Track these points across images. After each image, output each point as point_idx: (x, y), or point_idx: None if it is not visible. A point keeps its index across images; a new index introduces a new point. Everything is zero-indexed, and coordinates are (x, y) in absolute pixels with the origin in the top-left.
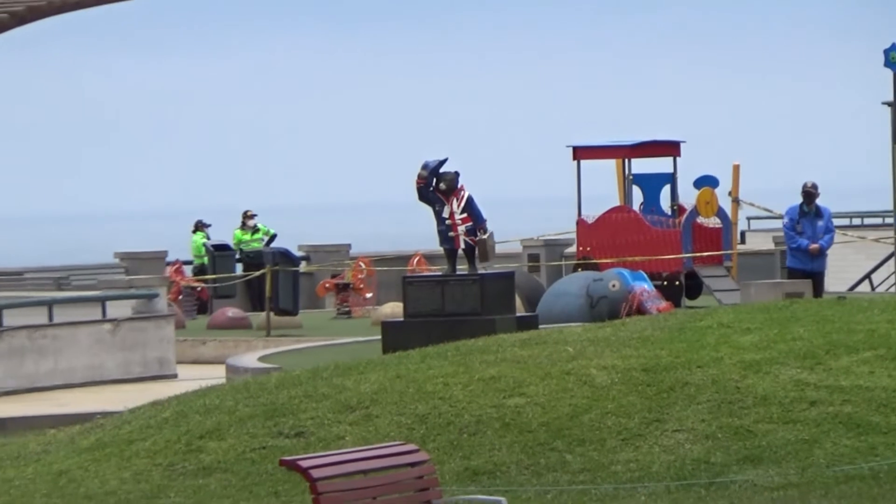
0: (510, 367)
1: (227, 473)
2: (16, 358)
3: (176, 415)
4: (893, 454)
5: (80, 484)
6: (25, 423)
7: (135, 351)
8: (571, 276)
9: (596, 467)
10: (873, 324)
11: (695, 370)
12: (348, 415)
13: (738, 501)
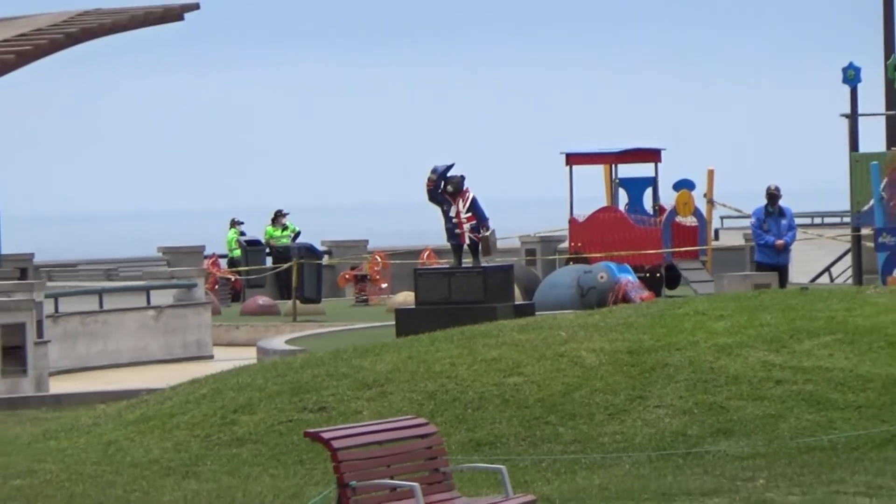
0: (509, 349)
1: (258, 444)
2: (70, 341)
3: (212, 391)
4: (850, 427)
5: (126, 453)
6: (78, 399)
7: (175, 335)
8: (564, 268)
9: (585, 439)
10: (832, 311)
11: (673, 352)
12: (365, 392)
13: (712, 469)
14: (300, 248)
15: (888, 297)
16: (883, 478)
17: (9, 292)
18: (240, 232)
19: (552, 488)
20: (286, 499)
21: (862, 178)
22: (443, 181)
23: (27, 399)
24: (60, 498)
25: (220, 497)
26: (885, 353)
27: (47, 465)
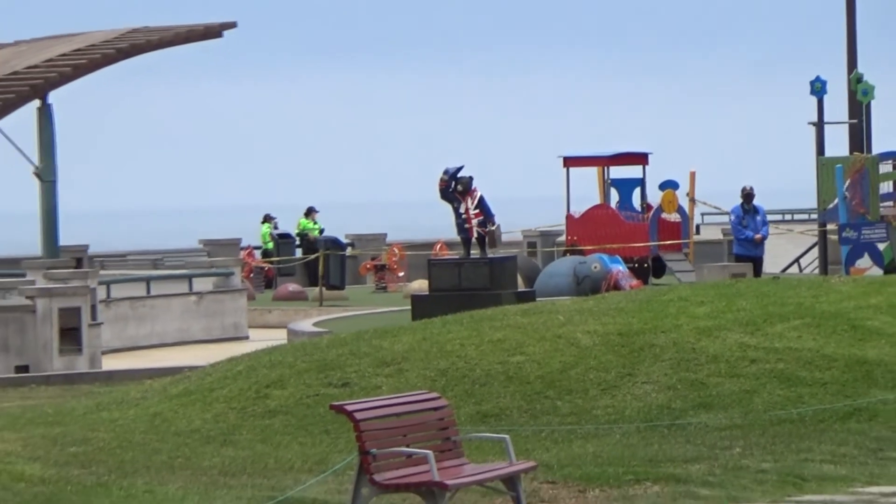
0: (513, 331)
1: (288, 415)
2: (120, 323)
3: (247, 368)
4: (817, 402)
5: (171, 423)
6: (127, 375)
7: (215, 318)
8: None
9: (580, 411)
10: (801, 298)
11: (659, 334)
12: (384, 369)
13: (693, 439)
14: (326, 241)
15: (851, 285)
16: (846, 447)
17: (66, 280)
18: (273, 226)
19: (551, 455)
20: (313, 464)
21: (827, 179)
22: (453, 181)
23: (82, 375)
24: (112, 463)
25: (254, 463)
26: (847, 335)
27: (100, 434)
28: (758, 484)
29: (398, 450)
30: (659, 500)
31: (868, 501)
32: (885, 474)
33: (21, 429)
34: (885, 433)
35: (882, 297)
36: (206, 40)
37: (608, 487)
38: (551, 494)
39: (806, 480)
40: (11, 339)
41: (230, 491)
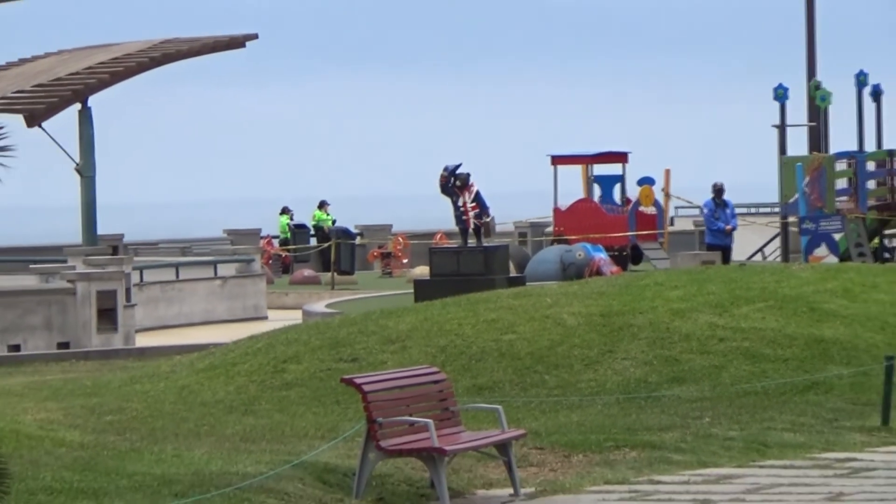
0: (505, 312)
1: (303, 388)
2: (152, 304)
3: (266, 345)
4: (779, 376)
5: (197, 395)
6: (158, 351)
7: (237, 300)
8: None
9: (566, 384)
10: (765, 283)
11: (637, 315)
12: (390, 346)
13: (668, 409)
14: (338, 231)
15: (810, 272)
16: (805, 417)
17: (103, 265)
18: (290, 217)
19: (539, 424)
20: (325, 432)
21: (789, 176)
22: (453, 177)
23: (117, 351)
24: (144, 430)
25: (272, 430)
26: (806, 316)
27: (133, 404)
28: (725, 450)
29: (402, 419)
30: (636, 464)
31: (824, 466)
32: (840, 442)
33: (62, 399)
34: (840, 405)
35: (837, 282)
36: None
37: (590, 453)
38: (539, 459)
39: (768, 447)
40: (54, 318)
41: (250, 455)
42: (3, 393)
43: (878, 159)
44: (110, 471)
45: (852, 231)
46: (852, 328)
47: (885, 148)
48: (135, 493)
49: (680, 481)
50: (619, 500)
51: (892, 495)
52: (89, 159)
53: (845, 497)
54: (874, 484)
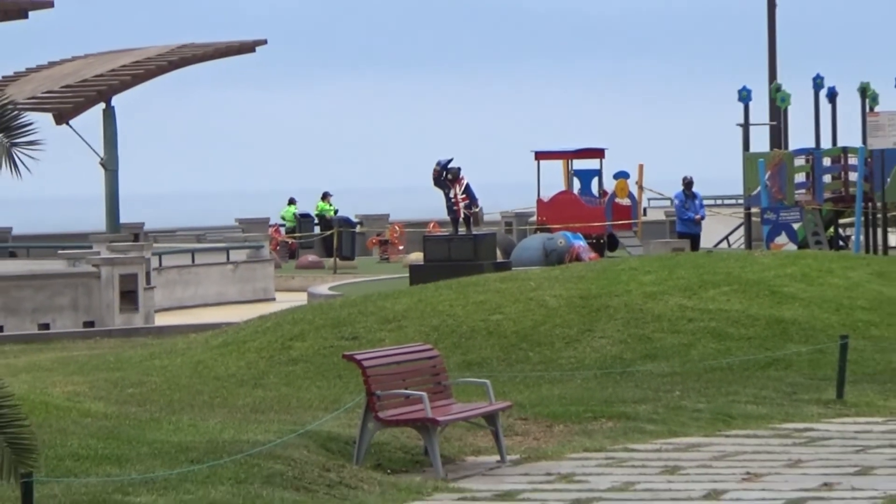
0: (493, 294)
1: (308, 363)
2: (170, 287)
3: (274, 324)
4: (742, 353)
5: (211, 369)
6: (175, 329)
7: (247, 283)
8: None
9: (548, 361)
10: (730, 268)
11: (613, 297)
12: (387, 325)
13: (641, 384)
14: (339, 220)
15: (770, 258)
16: (766, 391)
17: (125, 251)
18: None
19: (524, 397)
20: (328, 403)
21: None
22: (445, 171)
23: (138, 329)
24: (162, 402)
25: (279, 402)
26: (767, 299)
27: (153, 378)
28: (694, 421)
29: (398, 392)
30: (612, 433)
31: (784, 435)
32: (798, 413)
33: (88, 373)
34: (798, 379)
35: (796, 267)
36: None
37: (571, 423)
38: (524, 429)
39: (733, 418)
40: (80, 299)
41: (260, 425)
42: (34, 368)
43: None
44: (131, 439)
45: (810, 221)
46: (809, 310)
47: (839, 145)
48: (154, 460)
49: (652, 449)
50: (597, 466)
51: (846, 462)
52: (112, 154)
53: (803, 464)
54: (829, 452)
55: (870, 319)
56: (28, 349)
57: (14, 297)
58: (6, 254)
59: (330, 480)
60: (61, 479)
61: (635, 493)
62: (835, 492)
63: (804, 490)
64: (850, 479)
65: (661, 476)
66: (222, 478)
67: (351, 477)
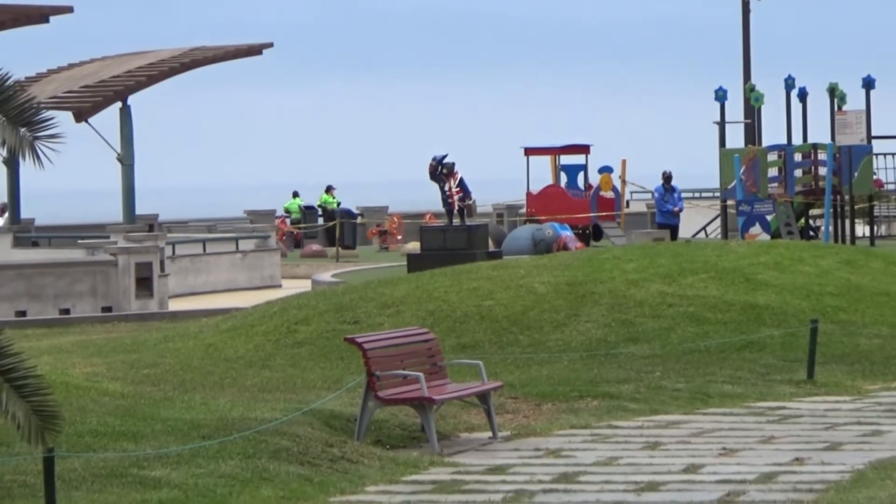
0: (485, 281)
1: (312, 346)
2: (182, 274)
3: (281, 309)
4: (719, 336)
5: (221, 351)
6: (188, 314)
7: (255, 270)
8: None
9: (537, 343)
10: (707, 257)
11: (598, 284)
12: (386, 310)
13: (624, 365)
14: (342, 212)
15: (745, 247)
16: (741, 371)
17: (141, 241)
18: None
19: (514, 377)
20: (331, 383)
21: (728, 165)
22: (440, 166)
23: (153, 314)
24: (175, 382)
25: (285, 382)
26: (742, 286)
27: (167, 360)
28: (673, 399)
29: (397, 372)
30: (597, 411)
31: (758, 413)
32: (771, 392)
33: (106, 355)
34: (771, 361)
35: (769, 256)
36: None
37: (558, 402)
38: (514, 407)
39: (710, 397)
40: (99, 286)
41: (267, 404)
42: (55, 350)
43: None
44: (146, 416)
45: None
46: (782, 296)
47: (809, 142)
48: (168, 436)
49: (635, 426)
50: (583, 442)
51: (816, 438)
52: (129, 150)
53: (776, 440)
54: (801, 428)
55: (838, 305)
56: (50, 333)
57: (37, 284)
58: (29, 243)
59: (333, 455)
60: (81, 453)
61: (619, 468)
62: (805, 466)
63: (777, 464)
64: (819, 454)
65: (643, 451)
66: (232, 453)
67: (352, 452)
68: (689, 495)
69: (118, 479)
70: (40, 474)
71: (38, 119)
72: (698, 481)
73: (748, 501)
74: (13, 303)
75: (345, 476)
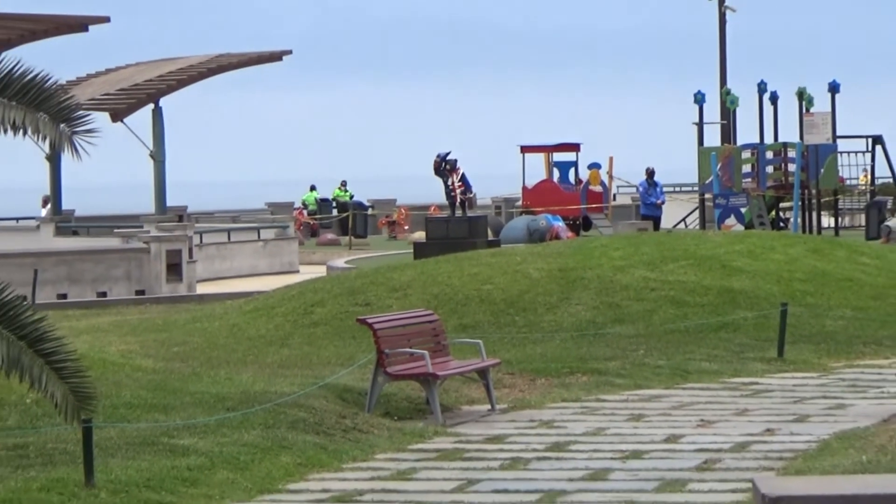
0: (485, 267)
1: (327, 326)
2: (209, 260)
3: (298, 292)
4: (697, 318)
5: (244, 331)
6: (214, 297)
7: (275, 257)
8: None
9: (531, 324)
10: (686, 246)
11: (587, 270)
12: (395, 293)
13: (611, 344)
14: (354, 204)
15: (721, 237)
16: (718, 350)
17: (171, 230)
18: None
19: (511, 355)
20: (344, 360)
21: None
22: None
23: (182, 297)
24: (203, 359)
25: (302, 359)
26: (719, 272)
27: (194, 339)
28: (656, 375)
29: (404, 350)
30: (586, 386)
31: (733, 388)
32: (745, 369)
33: (139, 335)
34: (745, 340)
35: (743, 245)
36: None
37: (551, 377)
38: (511, 382)
39: (689, 373)
40: (133, 271)
41: (286, 378)
42: (93, 329)
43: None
44: (176, 390)
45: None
46: (755, 281)
47: (780, 141)
48: (195, 408)
49: (620, 399)
50: (573, 414)
51: (786, 411)
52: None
53: (749, 412)
54: (771, 402)
55: (806, 289)
56: (88, 314)
57: (76, 269)
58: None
59: (345, 426)
60: (116, 424)
61: (606, 437)
62: (776, 436)
63: (750, 435)
64: (789, 425)
65: (628, 422)
66: (254, 423)
67: (363, 423)
68: (670, 462)
69: (150, 447)
70: (79, 443)
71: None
72: (678, 450)
73: (724, 468)
74: (55, 286)
75: (356, 445)
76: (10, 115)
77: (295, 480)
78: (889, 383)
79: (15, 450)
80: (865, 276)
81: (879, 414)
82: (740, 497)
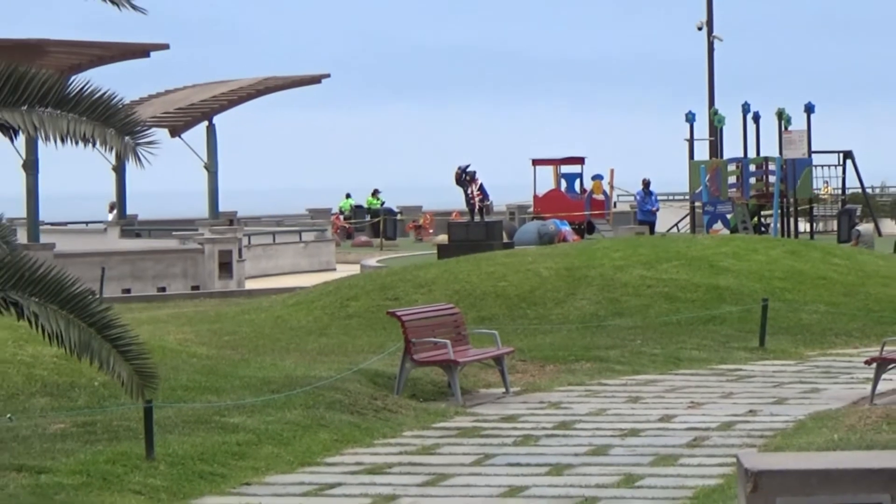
0: (500, 266)
1: (361, 318)
2: (256, 260)
3: (335, 288)
4: (688, 312)
5: (287, 322)
6: (261, 292)
7: (315, 257)
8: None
9: (541, 317)
10: (679, 247)
11: (591, 269)
12: (420, 289)
13: (612, 335)
14: (385, 210)
15: (710, 240)
16: (707, 340)
17: (223, 233)
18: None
19: (523, 344)
20: (376, 348)
21: (695, 174)
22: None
23: (233, 292)
24: (250, 347)
25: (339, 347)
26: (707, 270)
27: (243, 329)
28: (651, 363)
29: (429, 339)
30: (590, 372)
31: (720, 374)
32: (731, 357)
33: (194, 325)
34: (731, 332)
35: (729, 247)
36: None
37: (559, 364)
38: (523, 368)
39: (681, 361)
40: (189, 269)
41: (324, 364)
42: (154, 321)
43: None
44: (227, 374)
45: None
46: (739, 279)
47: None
48: (244, 390)
49: (620, 384)
50: (578, 396)
51: (767, 394)
52: (213, 159)
53: (734, 395)
54: (754, 386)
55: (784, 287)
56: (149, 307)
57: (139, 267)
58: (133, 234)
59: (377, 406)
60: (174, 404)
61: (607, 417)
62: (758, 416)
63: (734, 415)
64: (769, 407)
65: (627, 404)
66: (295, 404)
67: (393, 404)
68: (663, 439)
69: (204, 425)
70: (141, 420)
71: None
72: (671, 428)
73: (711, 445)
74: (120, 282)
75: (386, 423)
76: (81, 128)
77: (332, 454)
78: (858, 370)
79: (84, 427)
80: (837, 274)
81: (849, 397)
82: (726, 470)
